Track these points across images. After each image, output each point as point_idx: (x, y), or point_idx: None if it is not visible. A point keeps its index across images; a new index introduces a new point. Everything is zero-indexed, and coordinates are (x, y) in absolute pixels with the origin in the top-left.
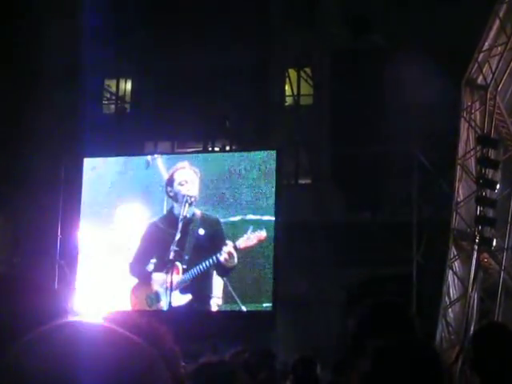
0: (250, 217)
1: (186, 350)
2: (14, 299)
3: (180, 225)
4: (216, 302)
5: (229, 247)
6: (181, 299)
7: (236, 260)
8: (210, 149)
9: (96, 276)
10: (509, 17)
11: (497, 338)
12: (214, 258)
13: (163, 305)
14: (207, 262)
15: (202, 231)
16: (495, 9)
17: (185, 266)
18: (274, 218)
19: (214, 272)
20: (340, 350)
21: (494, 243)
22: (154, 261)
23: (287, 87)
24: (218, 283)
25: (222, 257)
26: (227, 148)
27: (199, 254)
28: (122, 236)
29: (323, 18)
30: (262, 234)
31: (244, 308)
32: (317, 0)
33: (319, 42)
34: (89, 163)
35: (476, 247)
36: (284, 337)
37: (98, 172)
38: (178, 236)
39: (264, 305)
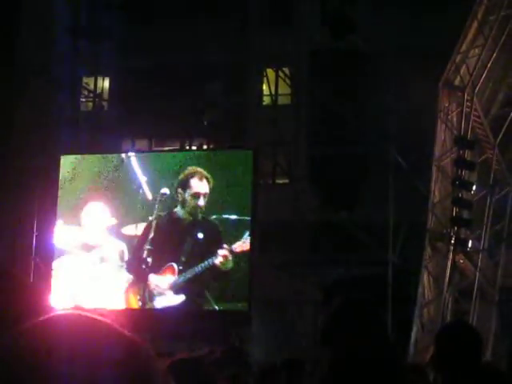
0: (227, 216)
1: (162, 348)
2: None
3: (154, 223)
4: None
5: (225, 251)
6: (174, 300)
7: (232, 264)
8: (188, 147)
9: (70, 273)
10: (486, 19)
11: (458, 338)
12: (210, 261)
13: (156, 304)
14: (202, 265)
15: (201, 235)
16: (473, 11)
17: (181, 267)
18: (250, 218)
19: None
20: (315, 350)
21: (470, 244)
22: (150, 260)
23: (265, 87)
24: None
25: (217, 260)
26: (204, 147)
27: (196, 257)
28: (93, 234)
29: (301, 18)
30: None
31: (216, 307)
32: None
33: (297, 41)
34: (65, 160)
35: (451, 248)
36: (260, 336)
37: (74, 169)
38: (151, 235)
39: (239, 304)
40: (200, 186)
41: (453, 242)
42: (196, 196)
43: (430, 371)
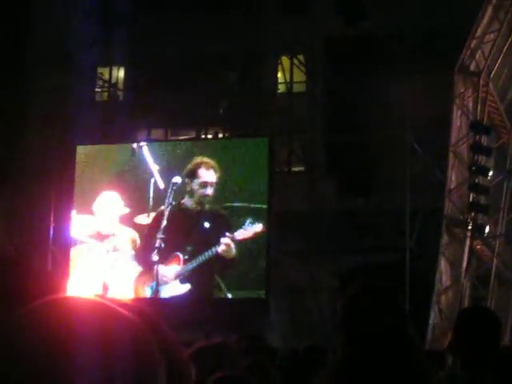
0: (243, 205)
1: (180, 337)
2: (10, 281)
3: (167, 212)
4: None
5: (227, 239)
6: (180, 289)
7: (234, 251)
8: (203, 136)
9: (85, 263)
10: (501, 3)
11: (477, 322)
12: (214, 249)
13: (162, 294)
14: (206, 254)
15: (207, 224)
16: None
17: (186, 257)
18: (266, 206)
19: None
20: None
21: (487, 230)
22: (163, 246)
23: (280, 74)
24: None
25: (220, 248)
26: (220, 135)
27: (202, 247)
28: (107, 223)
29: (316, 5)
30: (259, 226)
31: (229, 295)
32: None
33: (312, 28)
34: (81, 151)
35: (469, 234)
36: (277, 324)
37: (90, 159)
38: (164, 223)
39: (257, 292)
40: (207, 175)
41: (470, 227)
42: (203, 185)
43: (448, 357)
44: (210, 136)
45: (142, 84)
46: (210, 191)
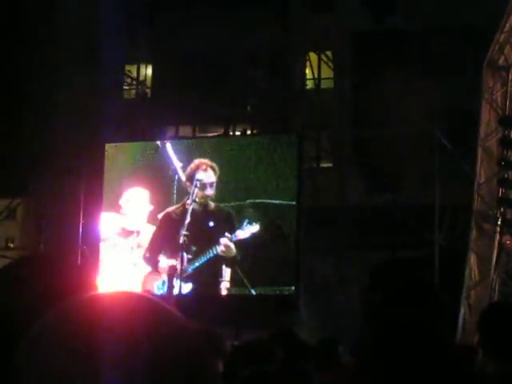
0: (270, 201)
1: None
2: (45, 276)
3: (190, 208)
4: (225, 286)
5: (225, 240)
6: (183, 288)
7: (234, 251)
8: (231, 133)
9: (111, 260)
10: None
11: (503, 317)
12: (214, 250)
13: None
14: (207, 255)
15: (211, 223)
16: None
17: (190, 256)
18: (295, 203)
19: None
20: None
21: None
22: (166, 250)
23: (308, 71)
24: (227, 268)
25: (219, 249)
26: (248, 132)
27: (205, 246)
28: (134, 220)
29: (343, 1)
30: (255, 227)
31: (253, 292)
32: None
33: (340, 25)
34: (110, 148)
35: (498, 229)
36: (306, 320)
37: (117, 157)
38: (187, 220)
39: (286, 288)
40: (205, 176)
41: (499, 222)
42: (203, 187)
43: (478, 352)
44: (238, 133)
45: (169, 81)
46: (209, 192)
